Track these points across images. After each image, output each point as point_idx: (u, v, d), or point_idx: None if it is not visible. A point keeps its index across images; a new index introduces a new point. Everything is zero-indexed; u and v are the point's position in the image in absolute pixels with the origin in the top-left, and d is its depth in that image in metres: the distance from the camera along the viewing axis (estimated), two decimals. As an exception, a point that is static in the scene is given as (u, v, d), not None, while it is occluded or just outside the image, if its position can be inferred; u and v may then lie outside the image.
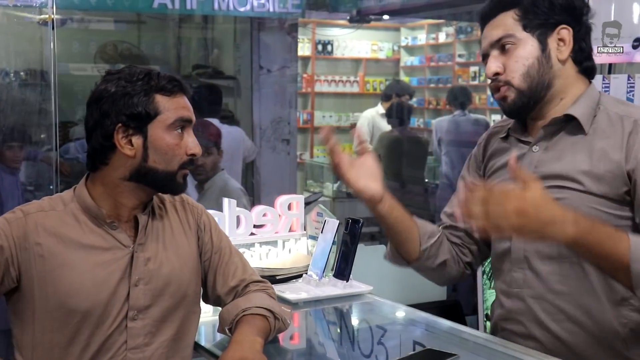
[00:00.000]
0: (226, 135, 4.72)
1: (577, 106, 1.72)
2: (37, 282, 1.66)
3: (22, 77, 3.45)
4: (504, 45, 1.72)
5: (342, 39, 8.87)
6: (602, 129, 1.70)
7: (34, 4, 3.12)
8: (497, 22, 1.73)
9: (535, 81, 1.71)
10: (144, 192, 1.73)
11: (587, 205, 1.65)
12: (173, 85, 1.71)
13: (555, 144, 1.74)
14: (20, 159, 3.65)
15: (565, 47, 1.72)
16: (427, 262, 1.90)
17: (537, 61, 1.71)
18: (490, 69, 1.74)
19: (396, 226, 1.86)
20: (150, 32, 6.10)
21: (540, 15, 1.71)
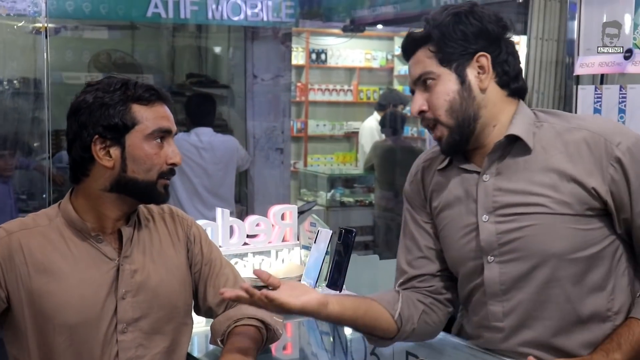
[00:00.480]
0: (219, 144, 4.73)
1: (515, 125, 1.65)
2: (26, 301, 1.66)
3: (15, 85, 3.44)
4: (425, 81, 1.67)
5: (336, 48, 8.89)
6: (551, 145, 1.64)
7: (27, 13, 3.11)
8: (415, 59, 1.68)
9: (461, 116, 1.65)
10: (126, 203, 1.72)
11: (560, 226, 1.61)
12: (150, 94, 1.69)
13: (505, 168, 1.67)
14: (12, 167, 3.64)
15: (486, 75, 1.65)
16: (407, 326, 1.79)
17: (459, 95, 1.64)
18: (414, 108, 1.69)
19: (358, 315, 1.73)
20: (144, 41, 6.10)
21: (454, 47, 1.64)
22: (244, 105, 5.55)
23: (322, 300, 1.62)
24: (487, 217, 1.67)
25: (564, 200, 1.60)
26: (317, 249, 2.40)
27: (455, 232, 1.74)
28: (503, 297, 1.69)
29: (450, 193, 1.75)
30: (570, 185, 1.60)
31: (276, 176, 5.54)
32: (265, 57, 5.46)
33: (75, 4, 4.57)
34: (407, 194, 1.89)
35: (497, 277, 1.68)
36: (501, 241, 1.66)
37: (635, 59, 2.62)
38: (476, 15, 1.64)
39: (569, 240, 1.61)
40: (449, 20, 1.63)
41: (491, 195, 1.67)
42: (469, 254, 1.72)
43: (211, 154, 4.67)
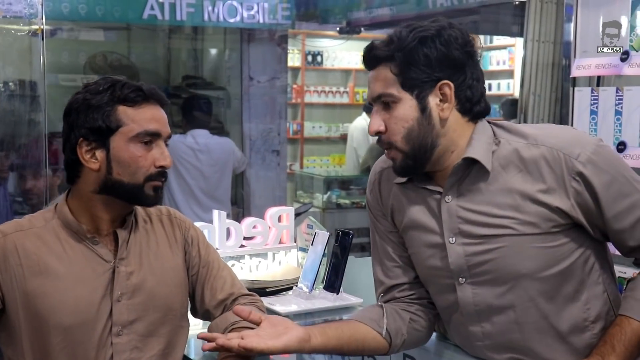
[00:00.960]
0: (216, 146, 4.73)
1: (473, 148, 1.60)
2: (21, 302, 1.65)
3: (11, 88, 3.43)
4: (384, 101, 1.60)
5: (332, 49, 8.89)
6: (509, 164, 1.59)
7: (23, 15, 3.10)
8: (377, 75, 1.61)
9: (417, 144, 1.59)
10: (118, 205, 1.70)
11: (528, 246, 1.57)
12: (136, 95, 1.66)
13: (466, 190, 1.62)
14: (6, 168, 3.62)
15: (448, 104, 1.58)
16: (397, 339, 1.76)
17: (417, 123, 1.58)
18: (372, 127, 1.62)
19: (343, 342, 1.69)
20: (140, 43, 6.09)
21: (417, 73, 1.56)
22: (240, 107, 5.54)
23: (302, 337, 1.59)
24: (453, 239, 1.63)
25: (528, 221, 1.56)
26: (315, 251, 2.40)
27: (422, 251, 1.70)
28: (480, 319, 1.66)
29: (413, 212, 1.69)
30: (533, 206, 1.56)
31: (272, 178, 5.53)
32: (262, 59, 5.46)
33: (71, 5, 4.56)
34: (368, 202, 1.83)
35: (470, 298, 1.65)
36: (470, 263, 1.62)
37: (632, 60, 2.61)
38: (442, 39, 1.56)
39: (538, 259, 1.58)
40: (415, 45, 1.55)
41: (455, 216, 1.62)
42: (438, 272, 1.68)
43: (207, 156, 4.67)
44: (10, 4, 3.14)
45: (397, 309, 1.77)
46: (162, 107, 1.73)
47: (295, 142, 8.80)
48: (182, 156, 4.62)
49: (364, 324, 1.72)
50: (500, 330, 1.65)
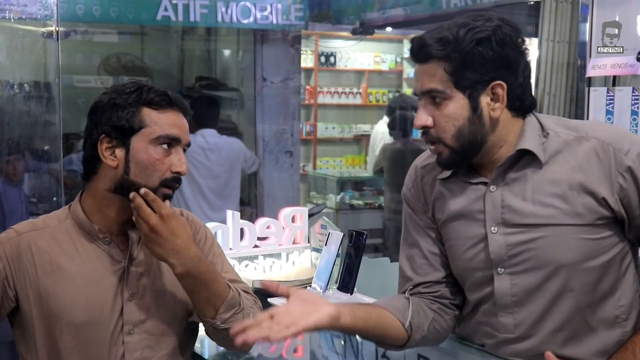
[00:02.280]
0: (224, 145, 4.75)
1: (525, 140, 1.61)
2: (34, 300, 1.68)
3: (26, 89, 3.46)
4: (434, 97, 1.60)
5: (345, 50, 8.89)
6: (559, 155, 1.60)
7: (37, 17, 3.13)
8: (428, 70, 1.59)
9: (467, 142, 1.60)
10: (130, 207, 1.69)
11: (572, 236, 1.58)
12: (161, 99, 1.69)
13: (513, 180, 1.63)
14: (20, 171, 3.65)
15: (499, 104, 1.59)
16: (417, 334, 1.74)
17: (468, 122, 1.59)
18: (419, 121, 1.62)
19: (369, 325, 1.68)
20: (154, 44, 6.13)
21: (472, 73, 1.56)
22: (253, 108, 5.56)
23: (334, 315, 1.58)
24: (495, 229, 1.63)
25: (574, 211, 1.58)
26: (328, 252, 2.40)
27: (462, 243, 1.70)
28: (514, 309, 1.66)
29: (455, 205, 1.70)
30: (580, 196, 1.57)
31: (286, 179, 5.54)
32: (275, 60, 5.47)
33: (86, 7, 4.59)
34: (407, 198, 1.83)
35: (508, 288, 1.65)
36: (511, 253, 1.62)
37: (648, 60, 2.60)
38: (498, 39, 1.56)
39: (580, 250, 1.58)
40: (472, 47, 1.54)
41: (499, 206, 1.63)
42: (477, 264, 1.68)
43: (217, 155, 4.68)
44: (26, 6, 3.17)
45: (422, 305, 1.77)
46: (185, 116, 1.75)
47: (308, 143, 8.81)
48: (192, 155, 4.64)
49: (389, 312, 1.72)
50: (532, 320, 1.65)
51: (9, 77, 3.28)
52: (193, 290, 1.67)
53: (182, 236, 1.63)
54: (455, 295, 1.80)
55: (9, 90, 3.29)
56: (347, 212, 6.57)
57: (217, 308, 1.68)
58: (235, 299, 1.71)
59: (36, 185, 3.88)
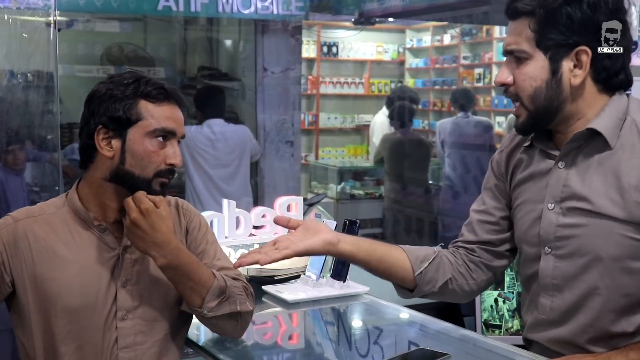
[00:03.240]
0: (232, 134, 4.77)
1: (600, 119, 1.54)
2: (30, 285, 1.71)
3: (28, 78, 3.49)
4: (517, 56, 1.57)
5: (347, 40, 8.89)
6: (630, 144, 1.53)
7: (37, 7, 3.16)
8: (515, 27, 1.57)
9: (542, 105, 1.56)
10: (125, 195, 1.74)
11: (616, 231, 1.52)
12: (158, 92, 1.72)
13: (581, 161, 1.58)
14: (22, 160, 3.69)
15: (581, 72, 1.53)
16: (426, 287, 1.77)
17: (546, 85, 1.54)
18: (498, 78, 1.60)
19: (372, 258, 1.72)
20: (156, 34, 6.14)
21: (556, 34, 1.51)
22: (254, 98, 5.57)
23: (329, 240, 1.63)
24: (552, 206, 1.61)
25: (626, 207, 1.51)
26: (322, 240, 2.42)
27: (524, 213, 1.69)
28: (553, 292, 1.64)
29: (528, 171, 1.69)
30: (637, 193, 1.51)
31: (286, 169, 5.56)
32: (276, 50, 5.48)
33: (87, -3, 4.61)
34: (493, 159, 1.83)
35: (550, 270, 1.63)
36: (558, 234, 1.60)
37: (641, 51, 2.61)
38: (591, 2, 1.49)
39: (621, 247, 1.53)
40: (559, 4, 1.50)
41: (561, 184, 1.60)
42: (531, 238, 1.67)
43: (224, 144, 4.71)
44: (35, -5, 3.20)
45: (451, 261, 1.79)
46: (180, 108, 1.78)
47: (310, 133, 8.84)
48: (200, 147, 4.67)
49: (405, 256, 1.75)
50: (567, 309, 1.62)
51: (9, 67, 3.31)
52: (177, 281, 1.72)
53: (161, 229, 1.67)
54: (494, 260, 1.81)
55: (9, 79, 3.32)
56: (348, 202, 6.61)
57: (203, 297, 1.72)
58: (220, 287, 1.75)
59: (38, 174, 3.92)
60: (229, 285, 1.77)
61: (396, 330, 2.24)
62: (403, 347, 2.01)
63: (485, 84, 8.50)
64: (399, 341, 2.13)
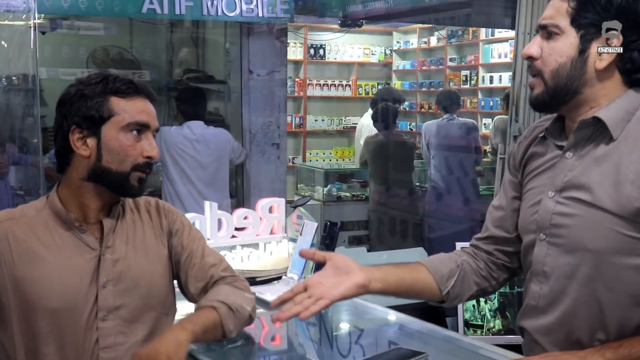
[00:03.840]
0: (211, 137, 4.78)
1: (607, 109, 1.55)
2: (10, 287, 1.72)
3: (13, 82, 3.48)
4: (549, 31, 1.57)
5: (334, 43, 8.91)
6: (634, 138, 1.53)
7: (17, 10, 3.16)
8: (555, 2, 1.58)
9: (562, 83, 1.57)
10: (104, 194, 1.76)
11: (606, 225, 1.52)
12: (128, 87, 1.74)
13: (587, 152, 1.58)
14: (5, 164, 3.68)
15: (608, 56, 1.53)
16: (455, 301, 1.80)
17: (570, 63, 1.55)
18: (527, 50, 1.60)
19: (401, 290, 1.74)
20: (142, 37, 6.14)
21: (593, 13, 1.52)
22: (240, 101, 5.58)
23: (363, 284, 1.64)
24: (552, 194, 1.62)
25: (619, 200, 1.51)
26: (303, 241, 2.44)
27: (527, 202, 1.70)
28: (542, 279, 1.64)
29: (540, 164, 1.69)
30: (631, 187, 1.50)
31: (272, 171, 5.56)
32: (261, 52, 5.48)
33: (71, 0, 4.60)
34: (510, 153, 1.84)
35: (542, 256, 1.63)
36: (553, 221, 1.61)
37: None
38: None
39: (610, 241, 1.52)
40: None
41: (564, 173, 1.60)
42: (529, 226, 1.68)
43: (204, 146, 4.72)
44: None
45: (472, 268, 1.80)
46: (151, 102, 1.79)
47: (297, 136, 8.85)
48: (180, 147, 4.68)
49: (429, 275, 1.76)
50: (553, 295, 1.62)
51: (-5, 70, 3.32)
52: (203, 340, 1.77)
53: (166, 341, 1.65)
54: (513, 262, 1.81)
55: (-4, 83, 3.32)
56: (334, 204, 6.61)
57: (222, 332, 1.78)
58: (225, 314, 1.78)
59: (22, 177, 3.91)
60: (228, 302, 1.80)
61: (377, 330, 2.25)
62: (384, 347, 2.03)
63: (471, 85, 8.54)
64: (379, 341, 2.14)
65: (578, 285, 1.58)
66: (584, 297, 1.58)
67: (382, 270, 1.71)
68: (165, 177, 4.74)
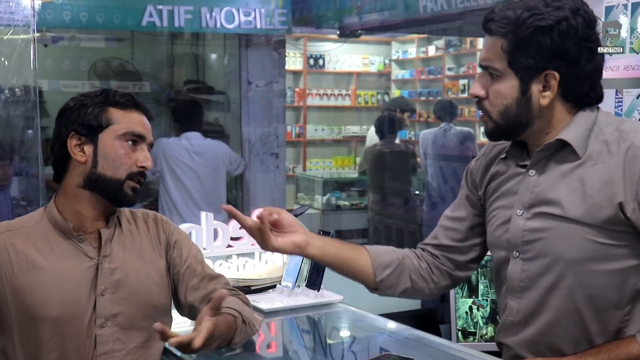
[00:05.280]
0: (208, 149, 4.84)
1: (569, 131, 1.61)
2: (11, 297, 1.76)
3: (17, 94, 3.54)
4: (490, 73, 1.63)
5: (333, 53, 8.97)
6: (597, 153, 1.59)
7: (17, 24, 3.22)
8: (490, 44, 1.62)
9: (512, 121, 1.62)
10: (100, 202, 1.82)
11: (578, 234, 1.57)
12: (126, 100, 1.83)
13: (550, 169, 1.64)
14: (10, 176, 3.73)
15: (550, 93, 1.59)
16: (387, 291, 1.86)
17: (516, 103, 1.60)
18: (472, 90, 1.66)
19: (336, 264, 1.82)
20: (143, 49, 6.20)
21: (526, 58, 1.57)
22: (239, 111, 5.64)
23: (299, 244, 1.73)
24: (521, 212, 1.66)
25: (588, 210, 1.56)
26: (297, 250, 2.48)
27: (495, 220, 1.74)
28: (521, 294, 1.68)
29: (503, 183, 1.74)
30: (599, 197, 1.55)
31: (271, 180, 5.62)
32: (260, 63, 5.54)
33: (72, 13, 4.67)
34: (468, 168, 1.88)
35: (518, 273, 1.67)
36: (525, 238, 1.65)
37: (606, 64, 2.62)
38: (560, 31, 1.55)
39: (582, 249, 1.58)
40: (529, 33, 1.55)
41: (530, 191, 1.65)
42: (501, 243, 1.72)
43: (202, 158, 4.77)
44: (12, 13, 3.26)
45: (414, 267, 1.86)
46: (147, 118, 1.87)
47: (298, 145, 8.90)
48: (178, 157, 4.73)
49: (370, 261, 1.83)
50: (533, 307, 1.66)
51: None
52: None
53: None
54: (456, 270, 1.88)
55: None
56: (333, 213, 6.66)
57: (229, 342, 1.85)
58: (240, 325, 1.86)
59: (24, 188, 3.96)
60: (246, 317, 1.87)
61: (368, 337, 2.29)
62: (375, 354, 2.06)
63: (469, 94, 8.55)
64: (371, 348, 2.18)
65: (558, 295, 1.63)
66: (565, 306, 1.63)
67: (323, 240, 1.80)
68: (163, 187, 4.79)
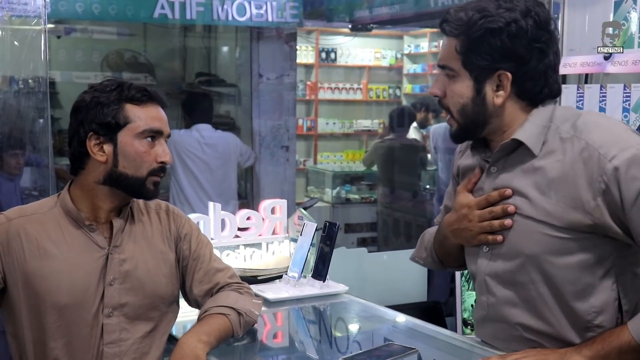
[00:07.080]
0: (219, 140, 4.87)
1: (523, 130, 1.64)
2: (21, 282, 1.79)
3: (30, 85, 3.57)
4: (447, 73, 1.66)
5: (345, 46, 8.96)
6: (553, 149, 1.61)
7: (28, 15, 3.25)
8: (446, 44, 1.66)
9: (470, 120, 1.66)
10: (117, 196, 1.84)
11: (536, 230, 1.61)
12: (142, 95, 1.82)
13: (509, 166, 1.67)
14: (21, 166, 3.76)
15: (503, 93, 1.62)
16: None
17: (472, 102, 1.64)
18: (431, 90, 1.70)
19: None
20: (155, 41, 6.23)
21: (478, 59, 1.60)
22: (250, 104, 5.66)
23: None
24: None
25: (545, 208, 1.60)
26: (303, 241, 2.50)
27: None
28: (487, 289, 1.73)
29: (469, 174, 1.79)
30: (556, 195, 1.58)
31: (281, 173, 5.63)
32: (271, 56, 5.56)
33: (85, 5, 4.69)
34: (453, 159, 1.96)
35: (485, 267, 1.72)
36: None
37: (614, 59, 2.69)
38: (511, 33, 1.58)
39: (541, 245, 1.61)
40: (480, 34, 1.59)
41: (492, 187, 1.69)
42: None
43: (213, 149, 4.81)
44: (26, 4, 3.28)
45: None
46: (162, 109, 1.88)
47: (309, 139, 8.90)
48: (189, 149, 4.76)
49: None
50: (502, 302, 1.70)
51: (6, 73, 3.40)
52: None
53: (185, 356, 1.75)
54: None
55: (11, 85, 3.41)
56: (343, 206, 6.67)
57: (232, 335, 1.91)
58: (235, 319, 1.89)
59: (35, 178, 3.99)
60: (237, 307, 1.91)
61: (373, 328, 2.31)
62: (379, 344, 2.08)
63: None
64: (375, 338, 2.20)
65: (523, 289, 1.67)
66: (532, 300, 1.66)
67: None
68: (174, 178, 4.83)
